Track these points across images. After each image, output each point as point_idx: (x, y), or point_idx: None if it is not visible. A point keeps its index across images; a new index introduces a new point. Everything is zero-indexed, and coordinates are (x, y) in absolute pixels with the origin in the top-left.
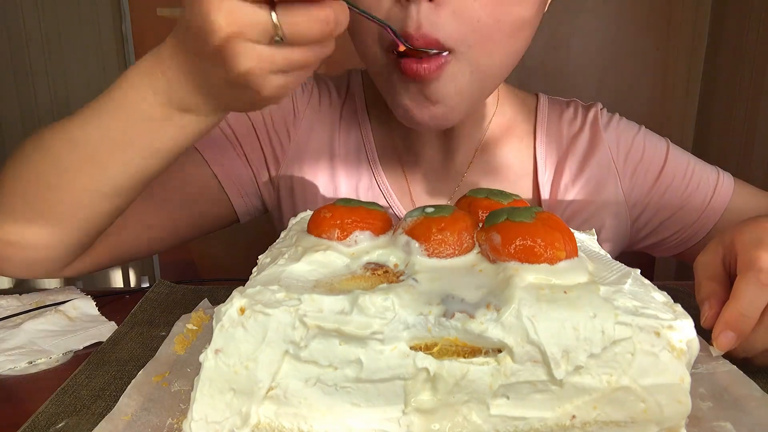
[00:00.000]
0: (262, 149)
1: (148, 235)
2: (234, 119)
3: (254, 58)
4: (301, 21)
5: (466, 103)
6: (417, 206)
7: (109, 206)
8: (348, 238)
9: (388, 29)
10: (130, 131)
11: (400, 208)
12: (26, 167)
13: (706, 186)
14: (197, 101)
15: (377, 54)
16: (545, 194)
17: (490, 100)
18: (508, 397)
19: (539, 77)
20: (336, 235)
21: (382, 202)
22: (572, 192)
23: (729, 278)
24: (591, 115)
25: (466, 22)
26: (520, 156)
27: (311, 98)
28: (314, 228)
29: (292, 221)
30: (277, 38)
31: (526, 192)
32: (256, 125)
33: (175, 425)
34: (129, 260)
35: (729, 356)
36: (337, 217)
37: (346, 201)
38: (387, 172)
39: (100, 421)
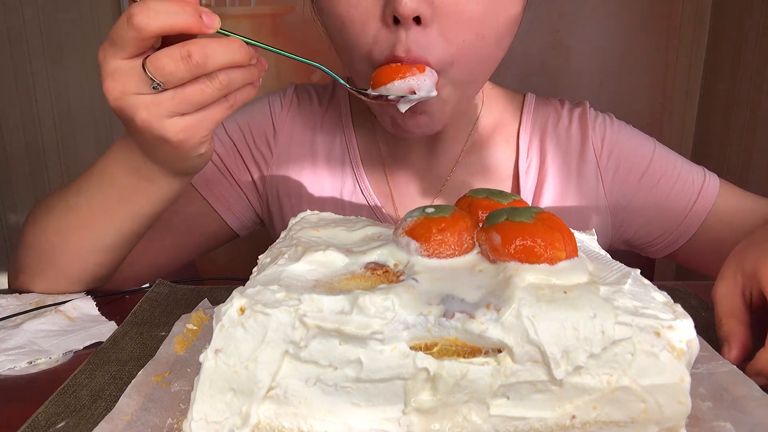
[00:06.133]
0: (246, 166)
1: (157, 261)
2: (217, 143)
3: (143, 107)
4: (165, 63)
5: (450, 112)
6: (399, 209)
7: (102, 260)
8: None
9: (325, 70)
10: (112, 199)
11: (383, 212)
12: (36, 227)
13: (691, 187)
14: (151, 169)
15: (364, 71)
16: (527, 193)
17: (477, 102)
18: (508, 397)
19: (539, 77)
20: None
21: (365, 204)
22: (555, 190)
23: (749, 308)
24: (578, 113)
25: (452, 42)
26: (505, 156)
27: (290, 108)
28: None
29: (292, 221)
30: (154, 85)
31: (508, 190)
32: (238, 145)
33: (175, 425)
34: (141, 284)
35: None
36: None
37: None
38: (370, 176)
39: (100, 421)
